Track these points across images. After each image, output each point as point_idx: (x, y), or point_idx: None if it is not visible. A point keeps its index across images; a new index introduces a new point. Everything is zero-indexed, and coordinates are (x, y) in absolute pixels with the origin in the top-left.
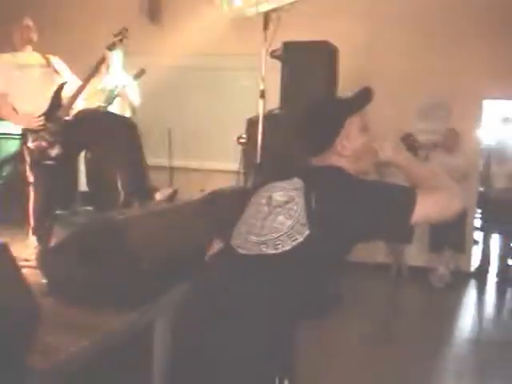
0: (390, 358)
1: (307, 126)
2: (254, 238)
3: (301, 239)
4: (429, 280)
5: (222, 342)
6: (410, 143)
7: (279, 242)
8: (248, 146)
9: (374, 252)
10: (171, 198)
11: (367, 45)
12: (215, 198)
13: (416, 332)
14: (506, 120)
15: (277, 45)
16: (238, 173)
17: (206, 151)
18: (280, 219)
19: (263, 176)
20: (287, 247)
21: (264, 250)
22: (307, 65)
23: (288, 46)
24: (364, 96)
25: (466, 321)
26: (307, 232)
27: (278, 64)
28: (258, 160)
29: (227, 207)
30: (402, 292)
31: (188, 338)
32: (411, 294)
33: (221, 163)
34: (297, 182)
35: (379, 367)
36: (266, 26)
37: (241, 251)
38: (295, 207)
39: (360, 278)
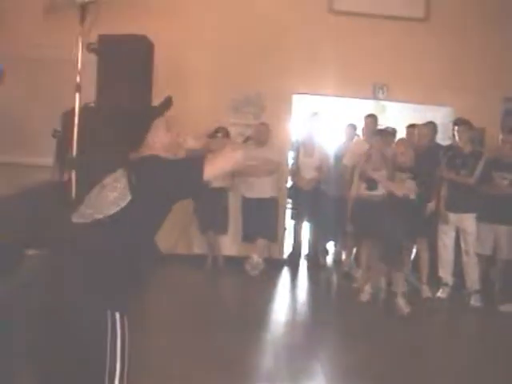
0: (211, 343)
1: (124, 130)
2: (89, 211)
3: (124, 204)
4: (244, 269)
5: (61, 288)
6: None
7: (106, 209)
8: (63, 140)
9: (189, 244)
10: None
11: (182, 41)
12: (31, 192)
13: (234, 318)
14: (313, 114)
15: (95, 38)
16: (52, 167)
17: (18, 145)
18: (107, 193)
19: (84, 170)
20: (112, 211)
21: (96, 216)
22: (123, 58)
23: (104, 40)
24: (165, 104)
25: (281, 304)
26: (129, 198)
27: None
28: (74, 153)
29: (44, 202)
30: (219, 281)
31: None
32: (228, 282)
33: (34, 158)
34: (121, 171)
35: (202, 353)
36: (82, 19)
37: (76, 220)
38: (119, 184)
39: (177, 269)
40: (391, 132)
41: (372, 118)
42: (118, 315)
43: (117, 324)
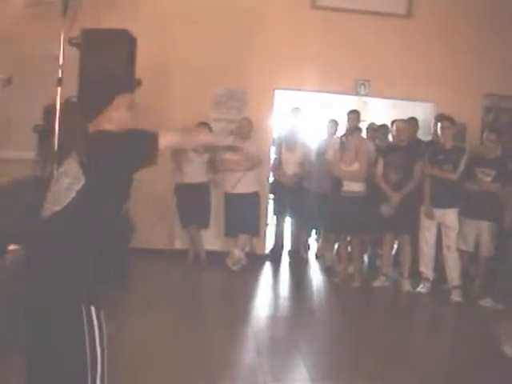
0: (193, 338)
1: (83, 94)
2: (49, 204)
3: (78, 187)
4: (226, 263)
5: (34, 281)
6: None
7: (63, 197)
8: (45, 134)
9: (171, 238)
10: None
11: (165, 35)
12: (13, 187)
13: (216, 313)
14: (295, 110)
15: (77, 32)
16: (33, 161)
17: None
18: (61, 181)
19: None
20: (69, 198)
21: (55, 209)
22: (106, 53)
23: (86, 34)
24: (134, 82)
25: (263, 299)
26: (83, 180)
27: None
28: (56, 148)
29: (29, 196)
30: (200, 276)
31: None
32: (210, 277)
33: (15, 152)
34: (73, 153)
35: (184, 348)
36: (64, 12)
37: (43, 215)
38: (69, 167)
39: (159, 264)
40: (376, 128)
41: (355, 114)
42: (93, 309)
43: (93, 318)
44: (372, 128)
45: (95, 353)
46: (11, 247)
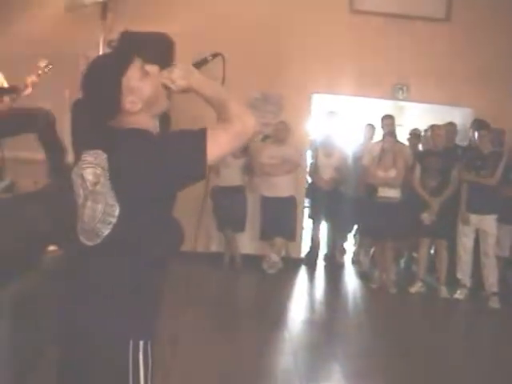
0: (229, 342)
1: (87, 96)
2: (86, 226)
3: (114, 220)
4: (261, 267)
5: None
6: None
7: (98, 230)
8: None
9: (207, 241)
10: (9, 189)
11: (202, 39)
12: (55, 189)
13: (252, 317)
14: (331, 114)
15: (116, 34)
16: None
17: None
18: (92, 205)
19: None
20: (106, 232)
21: (95, 240)
22: (143, 56)
23: (125, 36)
24: (129, 42)
25: (299, 303)
26: (117, 211)
27: None
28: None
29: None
30: (236, 279)
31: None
32: (245, 280)
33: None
34: (100, 156)
35: (221, 352)
36: (103, 16)
37: (83, 240)
38: (102, 189)
39: (194, 267)
40: (419, 134)
41: (390, 120)
42: (141, 343)
43: (139, 354)
44: (415, 134)
45: None
46: (51, 248)
